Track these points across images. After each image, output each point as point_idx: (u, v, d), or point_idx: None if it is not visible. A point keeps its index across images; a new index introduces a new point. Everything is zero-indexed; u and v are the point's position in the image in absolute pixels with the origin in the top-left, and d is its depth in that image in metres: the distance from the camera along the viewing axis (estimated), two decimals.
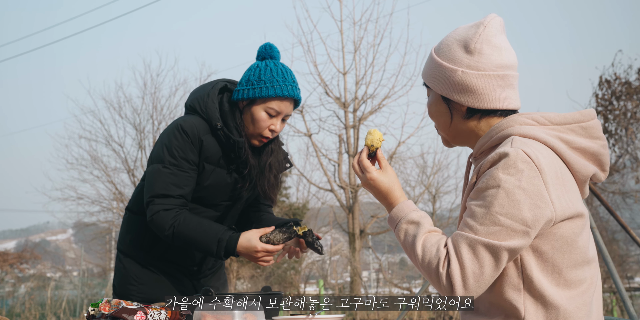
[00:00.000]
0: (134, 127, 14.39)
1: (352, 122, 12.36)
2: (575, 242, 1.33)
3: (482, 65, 1.41)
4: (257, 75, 2.11)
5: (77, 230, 22.15)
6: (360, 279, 12.77)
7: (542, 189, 1.27)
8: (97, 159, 14.65)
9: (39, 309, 11.63)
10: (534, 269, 1.31)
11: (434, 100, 1.50)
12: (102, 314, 1.41)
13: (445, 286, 1.29)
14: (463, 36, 1.45)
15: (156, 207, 2.06)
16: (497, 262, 1.27)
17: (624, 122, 11.64)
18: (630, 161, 11.82)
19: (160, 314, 1.44)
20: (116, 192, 14.55)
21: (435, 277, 1.31)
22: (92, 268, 19.73)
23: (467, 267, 1.27)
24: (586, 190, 1.42)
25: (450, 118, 1.47)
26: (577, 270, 1.33)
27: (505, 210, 1.26)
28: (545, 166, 1.29)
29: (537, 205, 1.26)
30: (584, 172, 1.37)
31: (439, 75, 1.46)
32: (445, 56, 1.45)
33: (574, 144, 1.36)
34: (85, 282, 14.86)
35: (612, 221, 11.87)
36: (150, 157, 2.16)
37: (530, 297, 1.31)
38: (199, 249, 2.09)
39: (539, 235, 1.30)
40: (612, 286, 11.47)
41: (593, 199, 10.98)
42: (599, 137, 1.39)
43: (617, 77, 11.90)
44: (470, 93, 1.42)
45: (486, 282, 1.28)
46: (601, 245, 4.47)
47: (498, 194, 1.27)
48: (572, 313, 1.31)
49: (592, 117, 1.40)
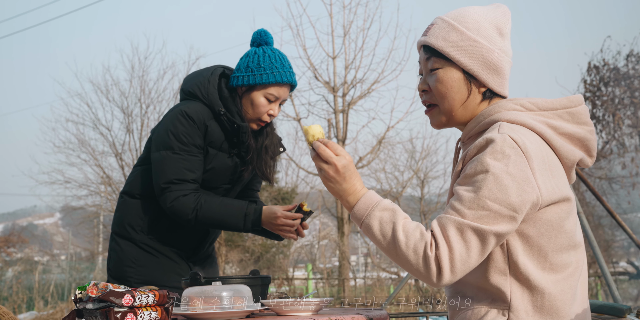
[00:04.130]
0: (122, 110, 14.30)
1: (342, 106, 12.34)
2: (561, 226, 1.33)
3: (508, 51, 1.43)
4: (256, 62, 2.18)
5: (65, 214, 22.08)
6: (348, 263, 12.85)
7: (528, 174, 1.27)
8: (85, 143, 14.57)
9: (26, 292, 11.62)
10: (520, 253, 1.31)
11: (455, 75, 1.42)
12: (90, 297, 1.41)
13: (432, 270, 1.26)
14: (493, 18, 1.43)
15: (174, 193, 2.10)
16: (483, 246, 1.26)
17: (612, 108, 11.70)
18: (617, 147, 11.91)
19: (148, 297, 1.43)
20: (104, 175, 14.49)
21: (422, 260, 1.27)
22: (79, 252, 19.70)
23: (455, 250, 1.25)
24: (573, 176, 1.42)
25: (467, 96, 1.43)
26: (563, 255, 1.34)
27: (493, 195, 1.25)
28: (532, 151, 1.29)
29: (524, 190, 1.26)
30: (571, 158, 1.37)
31: (473, 50, 1.40)
32: (478, 32, 1.41)
33: (561, 130, 1.37)
34: (73, 266, 14.84)
35: (599, 206, 11.98)
36: (156, 143, 2.17)
37: (516, 281, 1.31)
38: (225, 227, 2.16)
39: (525, 219, 1.30)
40: (597, 271, 11.61)
41: (580, 184, 11.07)
42: (586, 122, 1.40)
43: (606, 63, 11.94)
44: (499, 76, 1.41)
45: (471, 266, 1.27)
46: (587, 230, 4.51)
47: (486, 179, 1.26)
48: (557, 296, 1.32)
49: (579, 103, 1.40)
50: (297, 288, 12.98)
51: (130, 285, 2.16)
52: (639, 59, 11.89)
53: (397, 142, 14.24)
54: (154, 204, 2.21)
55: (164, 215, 2.21)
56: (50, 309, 11.25)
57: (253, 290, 1.75)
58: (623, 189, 12.22)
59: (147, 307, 1.43)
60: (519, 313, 1.30)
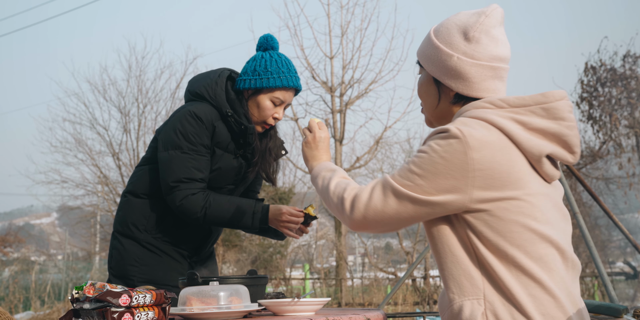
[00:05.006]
0: (119, 110, 14.29)
1: (339, 106, 12.34)
2: (516, 221, 1.33)
3: (477, 54, 1.46)
4: (263, 66, 2.22)
5: (62, 213, 22.06)
6: (345, 263, 12.85)
7: (464, 165, 1.32)
8: (82, 142, 14.57)
9: (23, 292, 11.61)
10: (481, 248, 1.35)
11: (425, 81, 1.55)
12: (87, 297, 1.40)
13: (347, 208, 1.43)
14: (464, 22, 1.48)
15: (183, 192, 2.13)
16: (399, 206, 1.37)
17: (608, 109, 11.72)
18: (614, 147, 11.92)
19: (145, 297, 1.43)
20: (101, 175, 14.48)
21: (343, 200, 1.44)
22: (76, 252, 19.68)
23: (373, 198, 1.39)
24: (550, 171, 1.41)
25: (438, 100, 1.53)
26: (526, 250, 1.33)
27: (423, 173, 1.35)
28: (478, 144, 1.33)
29: (454, 176, 1.33)
30: (535, 151, 1.37)
31: (434, 57, 1.50)
32: (443, 39, 1.49)
33: (531, 125, 1.39)
34: (69, 265, 14.83)
35: (595, 207, 12.01)
36: (164, 143, 2.19)
37: (486, 274, 1.35)
38: (233, 224, 2.19)
39: (475, 213, 1.34)
40: (594, 271, 11.63)
41: (577, 185, 11.09)
42: (563, 117, 1.40)
43: (603, 63, 11.95)
44: (462, 80, 1.47)
45: (383, 219, 1.38)
46: (584, 230, 4.52)
47: (423, 157, 1.36)
48: (522, 292, 1.31)
49: (557, 99, 1.41)
50: (295, 288, 12.98)
51: (133, 284, 2.17)
52: (635, 59, 11.91)
53: (395, 142, 14.26)
54: (158, 203, 2.23)
55: (168, 214, 2.23)
56: (47, 309, 11.24)
57: (250, 290, 1.75)
58: (620, 189, 12.24)
59: (144, 307, 1.43)
60: (494, 303, 1.32)
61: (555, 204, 1.43)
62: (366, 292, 12.28)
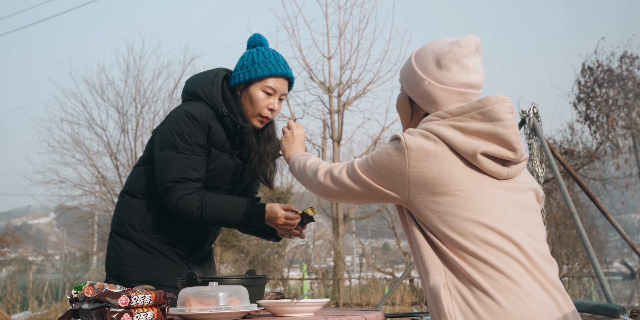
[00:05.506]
0: (117, 110, 14.28)
1: (337, 107, 12.35)
2: (450, 213, 1.51)
3: (446, 80, 1.63)
4: (250, 60, 2.24)
5: (59, 213, 22.01)
6: (343, 263, 12.86)
7: (402, 175, 1.55)
8: (79, 142, 14.55)
9: (20, 292, 11.59)
10: (432, 237, 1.54)
11: (402, 98, 1.75)
12: (85, 297, 1.41)
13: (319, 174, 1.73)
14: (439, 50, 1.65)
15: (179, 192, 2.13)
16: (355, 185, 1.63)
17: (605, 109, 11.74)
18: (611, 148, 11.95)
19: (144, 298, 1.44)
20: (98, 175, 14.47)
21: (323, 168, 1.73)
22: (74, 252, 19.65)
23: (342, 174, 1.67)
24: (491, 167, 1.55)
25: (411, 117, 1.73)
26: (466, 236, 1.49)
27: (375, 168, 1.60)
28: (415, 155, 1.54)
29: (395, 180, 1.56)
30: (469, 151, 1.53)
31: (410, 79, 1.68)
32: (419, 64, 1.67)
33: (468, 129, 1.56)
34: (67, 266, 14.80)
35: (592, 207, 12.02)
36: (160, 143, 2.19)
37: (442, 261, 1.53)
38: (230, 223, 2.20)
39: (419, 209, 1.55)
40: (591, 271, 11.65)
41: (574, 185, 11.10)
42: (499, 118, 1.55)
43: (600, 64, 11.98)
44: (431, 102, 1.65)
45: (342, 193, 1.67)
46: (581, 230, 4.53)
47: (377, 157, 1.60)
48: (468, 270, 1.48)
49: (492, 102, 1.56)
50: (292, 288, 12.98)
51: (130, 284, 2.17)
52: (632, 60, 11.94)
53: None
54: (156, 203, 2.23)
55: (165, 214, 2.23)
56: (45, 309, 11.22)
57: (250, 290, 1.76)
58: (617, 189, 12.27)
59: (144, 307, 1.44)
60: (452, 279, 1.50)
61: (505, 196, 1.56)
62: (364, 293, 12.29)
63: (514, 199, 1.58)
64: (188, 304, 1.61)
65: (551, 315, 1.46)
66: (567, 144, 12.17)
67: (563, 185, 4.80)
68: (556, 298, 1.49)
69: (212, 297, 1.60)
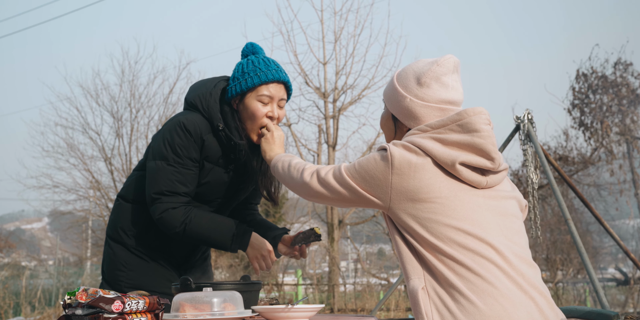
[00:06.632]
0: (112, 115, 14.24)
1: (332, 112, 12.36)
2: (430, 218, 1.57)
3: (427, 97, 1.70)
4: (240, 71, 2.17)
5: (53, 218, 21.91)
6: (338, 269, 12.84)
7: (386, 183, 1.61)
8: (74, 147, 14.49)
9: (13, 298, 11.52)
10: (413, 241, 1.59)
11: (385, 116, 1.83)
12: (79, 303, 1.40)
13: (306, 175, 1.77)
14: (420, 69, 1.73)
15: (164, 205, 2.09)
16: (339, 188, 1.69)
17: (600, 116, 11.79)
18: (605, 154, 11.99)
19: (138, 303, 1.43)
20: (93, 180, 14.41)
21: (309, 169, 1.78)
22: (68, 257, 19.56)
23: (328, 175, 1.72)
24: (470, 177, 1.60)
25: (395, 133, 1.81)
26: (444, 240, 1.54)
27: (361, 173, 1.66)
28: (398, 165, 1.60)
29: (379, 186, 1.62)
30: (448, 161, 1.60)
31: (392, 97, 1.76)
32: (401, 82, 1.75)
33: (447, 140, 1.62)
34: (61, 271, 14.73)
35: (587, 213, 12.06)
36: (153, 152, 2.16)
37: (422, 264, 1.58)
38: (212, 244, 2.14)
39: (400, 216, 1.60)
40: (585, 277, 11.66)
41: (568, 191, 11.13)
42: (477, 129, 1.61)
43: (594, 70, 12.03)
44: (413, 118, 1.72)
45: (326, 195, 1.72)
46: (575, 236, 4.54)
47: (364, 163, 1.67)
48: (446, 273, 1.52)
49: (470, 115, 1.62)
50: (287, 294, 12.95)
51: (121, 289, 2.16)
52: (626, 67, 12.00)
53: None
54: (147, 210, 2.19)
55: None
56: (38, 314, 11.17)
57: (244, 296, 1.75)
58: (611, 195, 12.30)
59: (137, 313, 1.43)
60: (431, 281, 1.55)
61: (483, 203, 1.61)
62: (359, 298, 12.26)
63: (493, 206, 1.63)
64: (182, 309, 1.60)
65: (529, 316, 1.49)
66: (562, 150, 12.21)
67: (557, 191, 4.81)
68: (536, 299, 1.52)
69: (206, 303, 1.59)
